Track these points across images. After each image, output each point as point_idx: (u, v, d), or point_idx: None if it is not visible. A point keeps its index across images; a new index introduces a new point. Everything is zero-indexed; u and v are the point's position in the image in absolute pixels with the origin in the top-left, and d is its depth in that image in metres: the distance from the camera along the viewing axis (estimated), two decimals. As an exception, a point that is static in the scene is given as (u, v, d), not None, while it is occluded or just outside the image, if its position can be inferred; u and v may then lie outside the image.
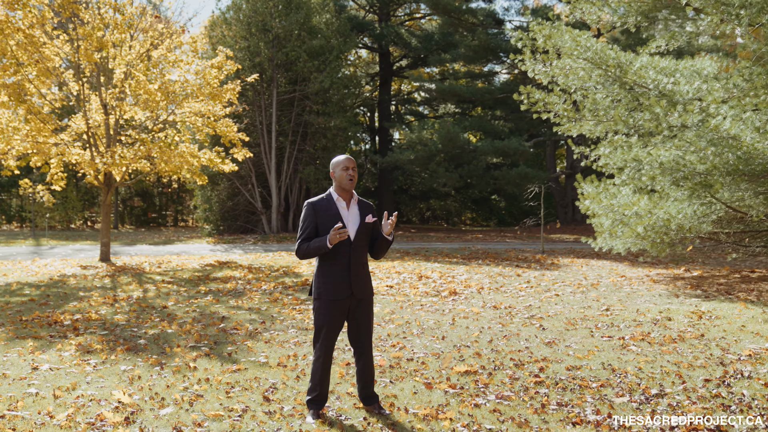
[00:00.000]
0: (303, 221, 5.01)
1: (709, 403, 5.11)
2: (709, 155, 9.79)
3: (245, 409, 5.21)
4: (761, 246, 12.30)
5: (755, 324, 8.32)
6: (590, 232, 30.48)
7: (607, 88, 12.52)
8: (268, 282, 13.18)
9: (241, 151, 18.59)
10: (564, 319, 9.02)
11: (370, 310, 5.11)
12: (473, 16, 32.39)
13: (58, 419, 5.08)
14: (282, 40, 28.45)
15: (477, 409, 5.14)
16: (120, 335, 8.37)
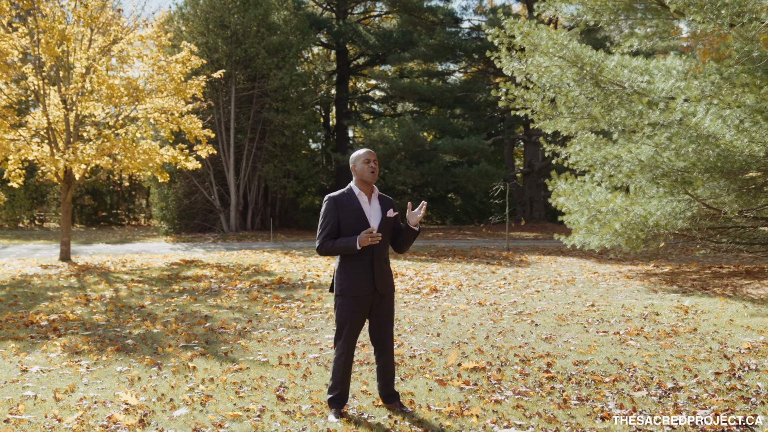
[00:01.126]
0: (324, 216, 4.89)
1: (728, 396, 5.15)
2: (689, 152, 9.94)
3: (262, 409, 5.07)
4: (732, 242, 12.56)
5: (742, 318, 8.47)
6: (549, 230, 30.88)
7: (581, 86, 12.61)
8: (242, 280, 12.97)
9: (206, 148, 18.27)
10: (553, 315, 9.06)
11: (392, 306, 5.02)
12: (433, 15, 32.47)
13: (68, 422, 4.88)
14: (240, 37, 28.12)
15: (499, 405, 5.09)
16: (104, 335, 8.12)
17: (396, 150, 27.97)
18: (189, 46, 17.44)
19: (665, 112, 10.02)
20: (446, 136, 29.67)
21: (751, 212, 11.94)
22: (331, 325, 8.68)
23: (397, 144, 27.71)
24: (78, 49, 16.37)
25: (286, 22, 29.65)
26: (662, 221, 11.11)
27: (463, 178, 29.13)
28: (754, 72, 9.45)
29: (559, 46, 12.11)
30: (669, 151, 10.34)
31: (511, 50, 13.22)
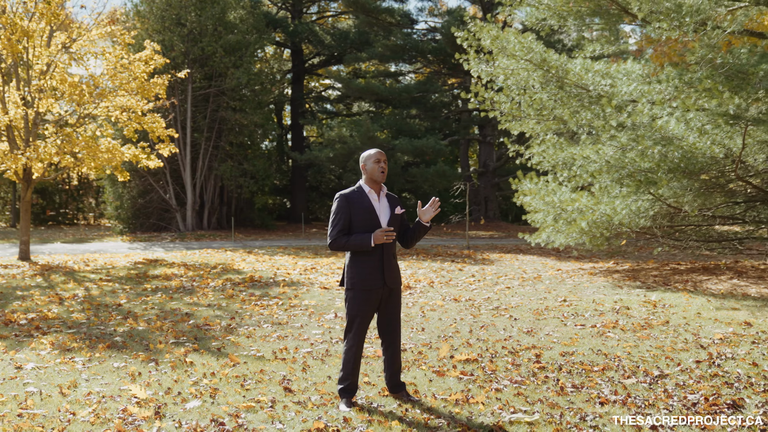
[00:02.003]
0: (336, 213, 5.07)
1: (712, 382, 5.50)
2: (655, 154, 10.37)
3: (273, 400, 5.23)
4: (691, 240, 13.09)
5: (709, 312, 8.90)
6: (504, 229, 31.45)
7: (545, 89, 13.00)
8: (213, 279, 13.00)
9: (168, 146, 18.18)
10: (528, 310, 9.38)
11: (400, 300, 5.23)
12: (390, 16, 32.75)
13: (82, 416, 4.96)
14: (198, 35, 27.95)
15: (500, 393, 5.34)
16: (90, 333, 8.14)
17: (354, 150, 28.16)
18: (152, 45, 17.35)
19: (633, 114, 10.43)
20: (403, 137, 29.96)
21: (709, 211, 12.47)
22: (313, 321, 8.84)
23: (355, 144, 27.90)
24: (38, 45, 16.15)
25: (243, 20, 29.57)
26: (626, 220, 11.54)
27: (421, 178, 29.49)
28: (717, 77, 9.93)
29: (527, 49, 12.47)
30: (634, 152, 10.77)
31: (479, 53, 13.54)
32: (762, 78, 9.55)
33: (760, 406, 4.82)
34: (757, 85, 9.87)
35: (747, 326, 7.83)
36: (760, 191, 11.66)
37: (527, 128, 13.47)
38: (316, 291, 11.52)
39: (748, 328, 7.71)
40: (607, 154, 11.12)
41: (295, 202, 37.35)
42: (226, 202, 31.69)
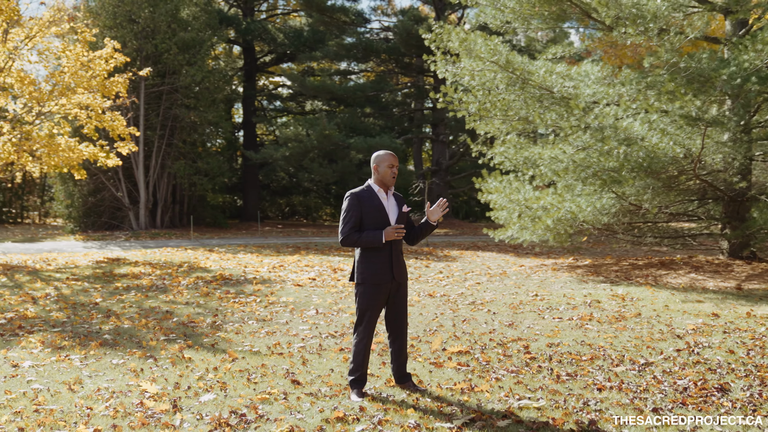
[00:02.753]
0: (348, 211, 5.27)
1: (696, 368, 5.87)
2: (620, 154, 10.81)
3: (285, 392, 5.40)
4: (650, 236, 13.63)
5: (675, 304, 9.36)
6: (458, 226, 31.94)
7: (509, 89, 13.36)
8: (183, 277, 13.02)
9: (128, 145, 18.02)
10: (504, 305, 9.71)
11: (406, 294, 5.46)
12: (345, 15, 32.89)
13: (99, 410, 5.06)
14: (151, 32, 27.66)
15: (500, 382, 5.61)
16: (76, 332, 8.16)
17: (309, 148, 28.25)
18: (112, 43, 17.20)
19: (600, 116, 10.85)
20: (358, 135, 30.17)
21: (668, 208, 13.02)
22: (296, 317, 9.01)
23: (311, 142, 27.99)
24: (-4, 41, 15.86)
25: (196, 18, 29.35)
26: (590, 217, 11.98)
27: (376, 176, 29.70)
28: (679, 81, 10.41)
29: (493, 51, 12.80)
30: (599, 152, 11.19)
31: (446, 54, 13.84)
32: (723, 82, 10.06)
33: (745, 389, 5.20)
34: (719, 88, 10.38)
35: (715, 317, 8.29)
36: (714, 189, 12.22)
37: (493, 128, 13.83)
38: (291, 288, 11.66)
39: (716, 319, 8.16)
40: (572, 154, 11.52)
41: (247, 201, 37.20)
42: (178, 200, 31.42)
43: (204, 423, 4.73)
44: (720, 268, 12.40)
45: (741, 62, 10.24)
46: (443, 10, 33.09)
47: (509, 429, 4.42)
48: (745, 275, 11.66)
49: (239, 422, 4.71)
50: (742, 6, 11.87)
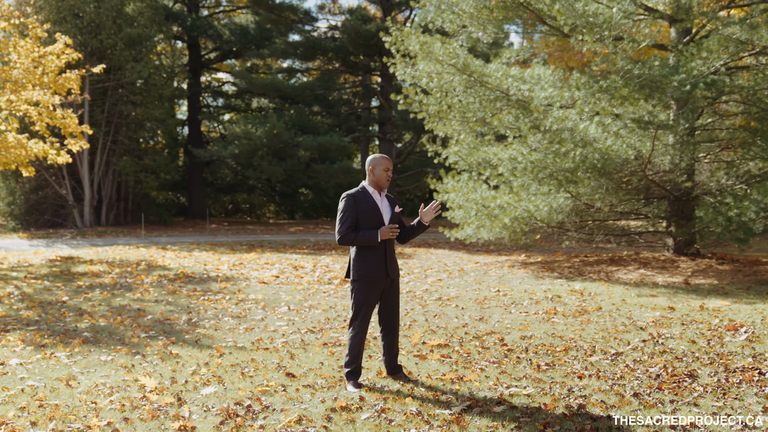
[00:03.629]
0: (344, 211, 5.53)
1: (663, 357, 6.32)
2: (576, 155, 11.30)
3: (282, 385, 5.63)
4: (601, 234, 14.21)
5: (632, 299, 9.89)
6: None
7: (467, 92, 13.76)
8: (145, 275, 13.04)
9: (79, 142, 17.82)
10: (469, 300, 10.09)
11: (398, 290, 5.76)
12: (294, 13, 32.94)
13: (103, 404, 5.21)
14: (96, 27, 27.27)
15: (485, 372, 5.96)
16: (54, 330, 8.22)
17: (258, 146, 28.27)
18: (64, 39, 17.00)
19: (558, 120, 11.32)
20: (306, 134, 30.31)
21: (618, 207, 13.62)
22: (270, 314, 9.21)
23: (260, 140, 28.01)
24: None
25: (141, 13, 29.03)
26: (545, 216, 12.46)
27: (325, 175, 29.92)
28: (633, 86, 10.95)
29: (452, 54, 13.17)
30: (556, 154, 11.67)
31: (405, 57, 14.16)
32: (674, 88, 10.63)
33: (712, 375, 5.65)
34: (669, 94, 10.97)
35: (671, 310, 8.82)
36: (661, 189, 12.84)
37: (451, 129, 14.21)
38: (257, 286, 11.82)
39: (672, 312, 8.68)
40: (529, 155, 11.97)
41: (192, 199, 36.91)
42: (123, 198, 31.04)
43: (212, 414, 4.93)
44: (667, 264, 13.04)
45: (690, 69, 10.84)
46: (390, 10, 33.43)
47: (506, 414, 4.75)
48: (691, 271, 12.30)
49: (247, 413, 4.93)
50: (687, 15, 12.52)
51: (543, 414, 4.73)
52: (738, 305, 9.09)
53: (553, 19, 12.75)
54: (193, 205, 36.56)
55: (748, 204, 11.15)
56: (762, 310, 8.64)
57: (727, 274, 11.90)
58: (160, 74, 29.34)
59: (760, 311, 8.59)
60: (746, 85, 12.03)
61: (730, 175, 13.18)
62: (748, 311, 8.61)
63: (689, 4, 11.79)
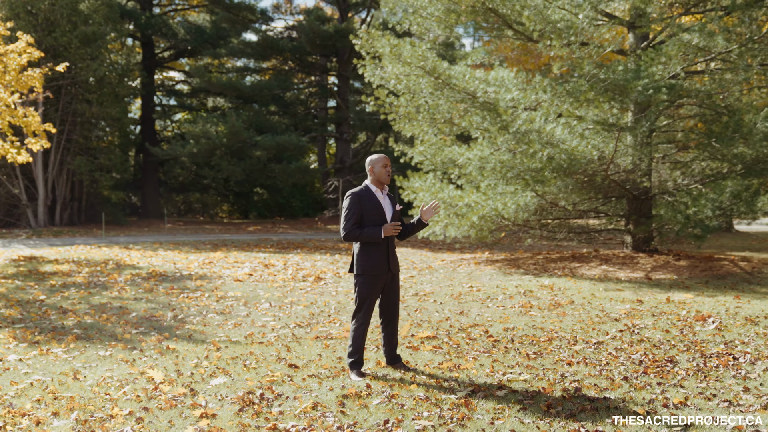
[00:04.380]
0: (349, 209, 5.80)
1: (641, 345, 6.74)
2: (543, 156, 11.74)
3: (288, 375, 5.87)
4: (565, 231, 14.72)
5: (600, 293, 10.36)
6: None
7: (435, 94, 14.11)
8: (117, 274, 13.06)
9: (40, 141, 17.65)
10: (445, 295, 10.43)
11: (399, 284, 6.04)
12: (251, 13, 32.96)
13: (117, 396, 5.38)
14: (51, 24, 26.91)
15: (479, 361, 6.28)
16: (42, 327, 8.30)
17: (217, 145, 28.25)
18: (26, 37, 16.84)
19: (527, 121, 11.74)
20: (264, 133, 30.38)
21: (581, 206, 14.13)
22: (253, 310, 9.41)
23: (219, 139, 27.99)
24: None
25: (96, 11, 28.72)
26: (511, 215, 12.88)
27: (283, 174, 30.04)
28: (598, 90, 11.43)
29: (421, 57, 13.50)
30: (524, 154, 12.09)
31: (374, 59, 14.44)
32: (638, 92, 11.15)
33: (691, 360, 6.08)
34: (633, 98, 11.49)
35: (640, 303, 9.29)
36: (622, 188, 13.38)
37: (419, 130, 14.54)
38: (232, 284, 11.97)
39: (641, 305, 9.16)
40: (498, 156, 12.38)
41: (145, 198, 36.61)
42: (77, 197, 30.65)
43: (228, 403, 5.14)
44: (626, 260, 13.59)
45: (651, 74, 11.37)
46: (346, 11, 33.70)
47: (509, 397, 5.08)
48: (650, 266, 12.87)
49: (261, 401, 5.15)
50: (645, 21, 13.10)
51: (544, 397, 5.08)
52: (701, 298, 9.62)
53: (520, 24, 13.19)
54: (146, 205, 36.27)
55: (704, 202, 11.74)
56: (724, 302, 9.18)
57: (685, 269, 12.49)
58: (115, 72, 29.06)
59: (723, 303, 9.13)
60: (703, 89, 12.63)
61: (685, 175, 13.81)
62: (711, 303, 9.14)
63: (646, 11, 12.35)
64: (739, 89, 13.37)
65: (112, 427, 4.66)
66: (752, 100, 14.12)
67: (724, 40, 11.81)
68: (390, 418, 4.65)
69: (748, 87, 13.64)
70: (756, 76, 13.07)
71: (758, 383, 5.34)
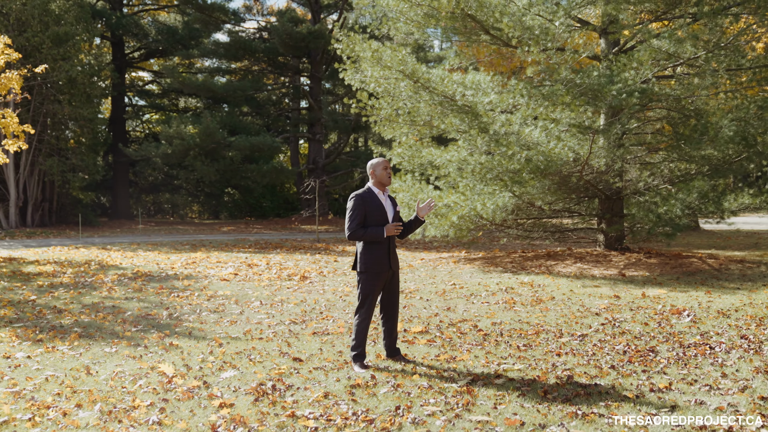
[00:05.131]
0: (354, 210, 6.14)
1: (623, 337, 7.17)
2: (522, 158, 12.17)
3: (294, 368, 6.18)
4: (539, 230, 15.19)
5: (578, 289, 10.81)
6: (334, 222, 32.89)
7: (414, 98, 14.49)
8: (103, 275, 13.21)
9: (18, 143, 17.68)
10: (430, 293, 10.80)
11: (398, 281, 6.39)
12: (224, 14, 33.08)
13: (133, 389, 5.64)
14: (22, 25, 26.80)
15: (473, 353, 6.65)
16: (40, 326, 8.48)
17: (192, 146, 28.34)
18: (3, 39, 16.90)
19: (507, 124, 12.17)
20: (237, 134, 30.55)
21: (556, 205, 14.61)
22: (246, 308, 9.67)
23: (193, 140, 28.09)
24: None
25: (67, 11, 28.64)
26: (490, 215, 13.30)
27: (257, 174, 30.22)
28: (574, 94, 11.90)
29: (401, 61, 13.86)
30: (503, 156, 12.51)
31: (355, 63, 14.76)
32: (613, 97, 11.64)
33: (671, 350, 6.52)
34: (608, 102, 11.97)
35: (617, 298, 9.76)
36: (595, 188, 13.88)
37: (400, 132, 14.91)
38: (220, 283, 12.21)
39: (619, 300, 9.62)
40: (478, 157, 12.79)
41: (116, 199, 36.50)
42: (47, 198, 30.51)
43: (242, 393, 5.44)
44: (600, 258, 14.09)
45: (625, 79, 11.87)
46: (318, 13, 33.97)
47: (507, 385, 5.45)
48: (623, 264, 13.37)
49: (274, 391, 5.46)
50: (617, 27, 13.61)
51: (539, 384, 5.46)
52: (674, 293, 10.12)
53: (497, 29, 13.62)
54: (117, 206, 36.18)
55: (674, 202, 12.28)
56: (697, 297, 9.69)
57: (656, 266, 13.01)
58: (86, 73, 29.00)
59: (695, 298, 9.63)
60: (672, 94, 13.18)
61: (655, 176, 14.35)
62: (684, 298, 9.64)
63: (618, 18, 12.86)
64: (706, 93, 13.95)
65: (137, 416, 4.93)
66: (719, 103, 14.71)
67: (692, 46, 12.36)
68: (400, 405, 4.99)
69: (715, 91, 14.22)
70: (722, 81, 13.65)
71: (734, 369, 5.78)
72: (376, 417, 4.78)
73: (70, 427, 4.78)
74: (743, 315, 8.31)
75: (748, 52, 12.94)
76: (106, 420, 4.89)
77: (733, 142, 12.40)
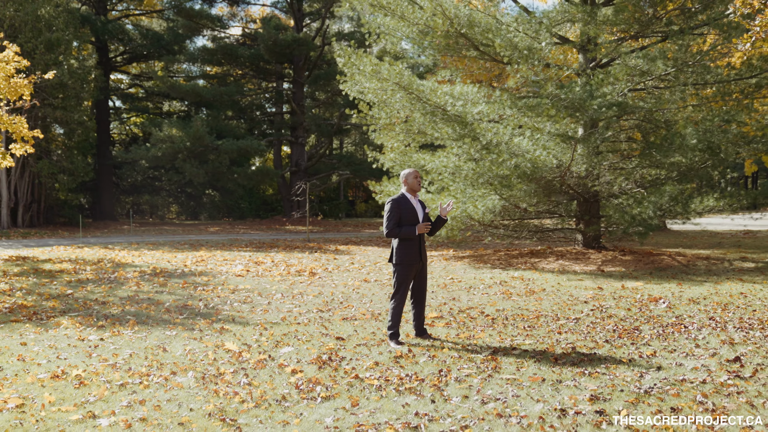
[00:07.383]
0: (390, 212, 7.33)
1: (611, 320, 8.46)
2: (511, 164, 13.46)
3: (340, 345, 7.35)
4: (524, 230, 16.51)
5: (565, 282, 12.12)
6: (320, 224, 34.03)
7: (409, 107, 15.70)
8: (122, 272, 14.18)
9: (25, 147, 18.56)
10: (432, 286, 12.02)
11: (426, 271, 7.60)
12: (210, 21, 34.02)
13: (211, 361, 6.75)
14: (15, 31, 27.53)
15: (488, 333, 7.88)
16: (95, 315, 9.48)
17: (181, 149, 29.26)
18: (13, 47, 17.76)
19: (498, 134, 13.44)
20: (223, 137, 31.50)
21: (538, 207, 15.94)
22: (271, 300, 10.77)
23: (183, 143, 29.02)
24: None
25: (57, 17, 29.40)
26: (481, 216, 14.56)
27: (244, 177, 31.21)
28: (559, 106, 13.23)
29: (399, 74, 15.06)
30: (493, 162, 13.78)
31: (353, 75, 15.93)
32: (594, 111, 12.99)
33: (652, 329, 7.82)
34: (589, 114, 13.31)
35: (601, 290, 11.07)
36: (575, 192, 15.23)
37: (397, 141, 16.13)
38: (236, 279, 13.29)
39: (602, 291, 10.94)
40: (469, 163, 14.04)
41: (101, 200, 37.20)
42: (36, 199, 31.20)
43: (305, 363, 6.60)
44: (579, 256, 15.44)
45: (604, 94, 13.22)
46: (302, 20, 35.05)
47: (524, 355, 6.69)
48: (601, 261, 14.73)
49: (331, 361, 6.63)
50: (594, 47, 14.98)
51: (550, 353, 6.71)
52: (650, 285, 11.48)
53: (486, 45, 14.90)
54: (101, 207, 36.87)
55: (647, 204, 13.65)
56: (670, 288, 11.04)
57: (630, 263, 14.39)
58: (77, 77, 29.77)
59: (669, 289, 10.99)
60: (645, 106, 14.58)
61: (629, 180, 15.74)
62: (659, 289, 10.99)
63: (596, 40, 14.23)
64: (676, 106, 15.37)
65: (229, 380, 6.07)
66: (687, 115, 16.16)
67: (663, 64, 13.75)
68: (441, 369, 6.20)
69: (683, 104, 15.65)
70: (690, 95, 15.08)
71: (705, 342, 7.10)
72: (424, 377, 5.98)
73: (176, 388, 5.89)
74: (711, 302, 9.66)
75: (713, 69, 14.35)
76: (203, 382, 6.02)
77: (698, 150, 13.81)
